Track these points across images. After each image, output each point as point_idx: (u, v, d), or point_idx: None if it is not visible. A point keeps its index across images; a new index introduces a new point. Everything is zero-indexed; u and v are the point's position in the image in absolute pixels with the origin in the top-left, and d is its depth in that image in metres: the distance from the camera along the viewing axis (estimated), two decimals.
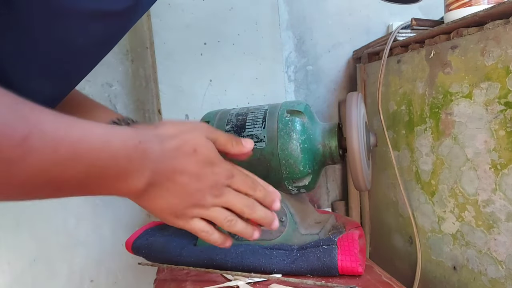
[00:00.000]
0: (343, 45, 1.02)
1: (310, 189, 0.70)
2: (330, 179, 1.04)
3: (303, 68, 1.01)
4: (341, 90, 1.02)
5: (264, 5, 0.94)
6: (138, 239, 0.74)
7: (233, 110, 0.74)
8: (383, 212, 0.89)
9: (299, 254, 0.63)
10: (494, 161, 0.55)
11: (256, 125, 0.69)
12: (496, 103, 0.54)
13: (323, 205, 1.03)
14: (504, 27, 0.52)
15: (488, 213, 0.57)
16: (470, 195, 0.60)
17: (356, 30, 1.02)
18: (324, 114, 1.03)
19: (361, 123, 0.65)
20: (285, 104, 0.71)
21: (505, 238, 0.55)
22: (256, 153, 0.68)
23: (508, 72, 0.52)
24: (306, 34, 1.01)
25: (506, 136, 0.53)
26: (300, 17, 1.00)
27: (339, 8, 1.01)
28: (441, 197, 0.67)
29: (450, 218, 0.65)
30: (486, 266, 0.58)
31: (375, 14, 1.02)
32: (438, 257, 0.70)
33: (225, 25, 0.92)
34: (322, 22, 1.01)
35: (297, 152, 0.65)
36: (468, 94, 0.59)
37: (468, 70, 0.59)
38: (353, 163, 0.64)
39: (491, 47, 0.54)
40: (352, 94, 0.68)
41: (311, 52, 1.01)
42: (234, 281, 0.61)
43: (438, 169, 0.67)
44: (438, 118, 0.66)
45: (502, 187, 0.54)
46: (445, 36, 0.64)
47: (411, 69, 0.73)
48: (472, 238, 0.61)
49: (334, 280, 0.59)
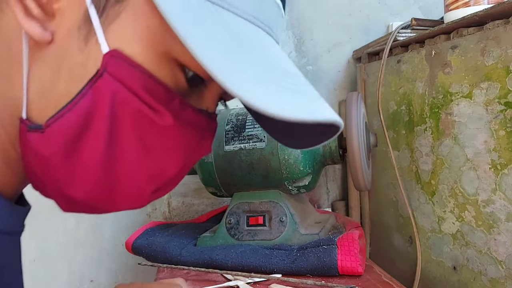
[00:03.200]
0: (343, 45, 1.02)
1: (310, 189, 0.70)
2: (330, 179, 1.04)
3: (303, 68, 1.01)
4: (341, 90, 1.02)
5: None
6: (138, 239, 0.74)
7: (233, 110, 0.74)
8: (383, 212, 0.89)
9: (299, 254, 0.63)
10: (494, 161, 0.55)
11: (256, 125, 0.69)
12: (496, 103, 0.54)
13: (323, 205, 1.03)
14: (504, 27, 0.52)
15: (488, 213, 0.57)
16: (470, 195, 0.60)
17: (356, 30, 1.01)
18: None
19: (361, 123, 0.65)
20: None
21: (505, 238, 0.55)
22: (256, 153, 0.68)
23: (508, 72, 0.52)
24: (306, 34, 1.01)
25: (506, 136, 0.53)
26: (300, 17, 1.00)
27: (339, 8, 1.01)
28: (441, 197, 0.67)
29: (450, 218, 0.65)
30: (486, 266, 0.58)
31: (375, 14, 1.02)
32: (438, 257, 0.70)
33: None
34: (322, 22, 1.01)
35: (297, 152, 0.65)
36: (468, 94, 0.59)
37: (468, 70, 0.59)
38: (353, 163, 0.64)
39: (491, 47, 0.54)
40: (352, 94, 0.68)
41: (311, 52, 1.01)
42: (234, 281, 0.61)
43: (438, 169, 0.67)
44: (438, 118, 0.66)
45: (502, 187, 0.54)
46: (445, 36, 0.64)
47: (411, 69, 0.73)
48: (472, 238, 0.61)
49: (334, 280, 0.59)
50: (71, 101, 0.30)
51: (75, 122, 0.30)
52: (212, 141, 0.37)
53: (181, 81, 0.32)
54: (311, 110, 0.28)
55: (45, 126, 0.30)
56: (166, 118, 0.31)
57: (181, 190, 0.99)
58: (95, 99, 0.29)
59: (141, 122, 0.31)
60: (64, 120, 0.30)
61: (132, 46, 0.29)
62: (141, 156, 0.32)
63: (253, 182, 0.70)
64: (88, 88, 0.29)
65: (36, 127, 0.31)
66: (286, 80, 0.30)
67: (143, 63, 0.30)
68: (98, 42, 0.29)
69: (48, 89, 0.30)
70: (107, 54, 0.29)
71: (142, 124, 0.31)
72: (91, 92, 0.29)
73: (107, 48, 0.29)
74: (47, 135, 0.30)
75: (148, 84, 0.30)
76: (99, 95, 0.29)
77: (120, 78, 0.29)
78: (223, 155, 0.70)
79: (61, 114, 0.30)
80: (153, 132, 0.32)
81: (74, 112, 0.30)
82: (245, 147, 0.68)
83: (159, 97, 0.31)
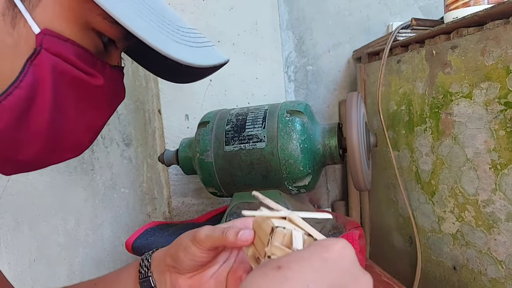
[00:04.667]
0: (343, 45, 1.02)
1: (310, 189, 0.70)
2: (330, 179, 1.04)
3: (303, 68, 1.01)
4: (341, 90, 1.02)
5: (264, 5, 0.94)
6: (138, 239, 0.74)
7: (233, 110, 0.74)
8: (383, 212, 0.89)
9: None
10: (494, 161, 0.55)
11: (256, 125, 0.69)
12: (496, 103, 0.54)
13: (323, 205, 1.03)
14: (504, 27, 0.52)
15: (488, 213, 0.57)
16: (470, 195, 0.60)
17: (356, 30, 1.02)
18: (324, 114, 1.03)
19: (361, 123, 0.65)
20: (285, 104, 0.71)
21: (505, 238, 0.55)
22: (256, 153, 0.68)
23: (508, 72, 0.52)
24: (306, 34, 1.01)
25: (506, 136, 0.53)
26: (300, 17, 1.00)
27: (339, 8, 1.01)
28: (441, 197, 0.67)
29: (450, 218, 0.65)
30: (486, 266, 0.58)
31: (375, 14, 1.02)
32: (438, 257, 0.70)
33: (225, 25, 0.92)
34: (322, 22, 1.01)
35: (297, 152, 0.65)
36: (468, 94, 0.59)
37: (468, 70, 0.59)
38: (353, 163, 0.64)
39: (491, 47, 0.54)
40: (352, 94, 0.68)
41: (311, 52, 1.01)
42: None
43: (438, 169, 0.67)
44: (438, 118, 0.66)
45: (502, 187, 0.54)
46: (445, 36, 0.64)
47: (411, 69, 0.73)
48: (472, 238, 0.61)
49: None
50: (16, 79, 0.33)
51: (23, 96, 0.34)
52: (124, 90, 0.43)
53: (99, 46, 0.38)
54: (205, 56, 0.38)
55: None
56: (98, 79, 0.38)
57: (181, 190, 0.99)
58: (37, 74, 0.34)
59: (78, 85, 0.37)
60: (13, 96, 0.34)
61: (58, 23, 0.35)
62: (79, 114, 0.38)
63: (253, 182, 0.70)
64: (28, 66, 0.34)
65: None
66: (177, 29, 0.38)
67: (70, 36, 0.35)
68: (27, 25, 0.33)
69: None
70: (39, 34, 0.34)
71: (79, 87, 0.37)
72: (32, 68, 0.34)
73: (38, 29, 0.33)
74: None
75: (79, 53, 0.36)
76: (40, 69, 0.34)
77: (55, 52, 0.34)
78: (223, 155, 0.70)
79: (9, 92, 0.33)
80: (88, 92, 0.38)
81: (21, 88, 0.34)
82: (245, 147, 0.68)
83: (89, 62, 0.37)
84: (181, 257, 0.45)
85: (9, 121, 0.34)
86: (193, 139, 0.76)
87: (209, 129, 0.72)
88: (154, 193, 0.99)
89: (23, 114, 0.35)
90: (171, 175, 0.95)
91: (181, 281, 0.46)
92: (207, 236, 0.44)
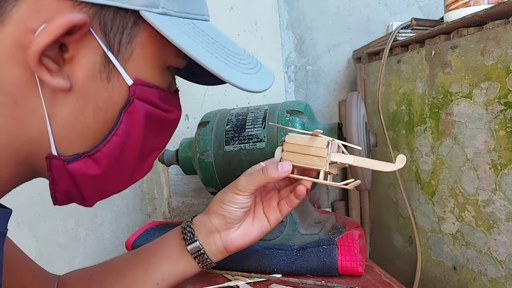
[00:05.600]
0: (343, 45, 1.02)
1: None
2: None
3: (303, 68, 1.01)
4: (341, 90, 1.02)
5: (264, 5, 0.94)
6: (138, 239, 0.74)
7: (233, 110, 0.74)
8: (383, 212, 0.89)
9: (299, 254, 0.63)
10: (494, 161, 0.55)
11: (256, 125, 0.69)
12: (496, 103, 0.54)
13: (323, 205, 1.03)
14: (504, 27, 0.52)
15: (488, 213, 0.57)
16: (470, 195, 0.60)
17: (356, 30, 1.02)
18: (324, 114, 1.03)
19: (361, 123, 0.65)
20: (285, 104, 0.71)
21: (505, 238, 0.55)
22: (256, 153, 0.68)
23: (508, 72, 0.52)
24: (306, 34, 1.01)
25: (506, 136, 0.53)
26: (300, 17, 1.00)
27: (339, 8, 1.01)
28: (441, 197, 0.67)
29: (450, 218, 0.65)
30: (486, 266, 0.58)
31: (375, 14, 1.02)
32: (438, 257, 0.70)
33: (225, 25, 0.92)
34: (322, 22, 1.01)
35: None
36: (468, 94, 0.59)
37: (468, 70, 0.59)
38: None
39: (491, 47, 0.54)
40: (352, 94, 0.68)
41: (311, 52, 1.01)
42: (234, 281, 0.61)
43: (438, 169, 0.67)
44: (438, 118, 0.66)
45: (502, 187, 0.54)
46: (445, 36, 0.64)
47: (411, 69, 0.73)
48: (472, 238, 0.61)
49: (334, 280, 0.59)
50: (113, 128, 0.38)
51: (119, 142, 0.38)
52: (181, 109, 0.47)
53: (170, 79, 0.43)
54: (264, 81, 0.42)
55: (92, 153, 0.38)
56: (173, 113, 0.43)
57: (181, 190, 0.99)
58: (130, 121, 0.38)
59: (159, 123, 0.42)
60: (111, 143, 0.38)
61: (145, 71, 0.38)
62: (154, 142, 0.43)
63: None
64: (123, 114, 0.37)
65: (74, 157, 0.37)
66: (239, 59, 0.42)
67: (155, 81, 0.39)
68: (121, 78, 0.37)
69: (72, 125, 0.36)
70: (132, 85, 0.37)
71: (160, 124, 0.42)
72: (126, 116, 0.38)
73: (131, 81, 0.37)
74: (97, 158, 0.38)
75: (161, 95, 0.40)
76: (133, 117, 0.38)
77: (145, 99, 0.38)
78: (223, 155, 0.70)
79: (108, 140, 0.38)
80: (166, 125, 0.43)
81: (118, 136, 0.38)
82: (245, 147, 0.68)
83: (168, 100, 0.41)
84: (231, 210, 0.53)
85: (107, 165, 0.39)
86: (193, 139, 0.76)
87: (209, 129, 0.72)
88: (154, 193, 0.99)
89: (118, 157, 0.39)
90: (171, 175, 0.95)
91: (233, 235, 0.54)
92: (249, 181, 0.52)
